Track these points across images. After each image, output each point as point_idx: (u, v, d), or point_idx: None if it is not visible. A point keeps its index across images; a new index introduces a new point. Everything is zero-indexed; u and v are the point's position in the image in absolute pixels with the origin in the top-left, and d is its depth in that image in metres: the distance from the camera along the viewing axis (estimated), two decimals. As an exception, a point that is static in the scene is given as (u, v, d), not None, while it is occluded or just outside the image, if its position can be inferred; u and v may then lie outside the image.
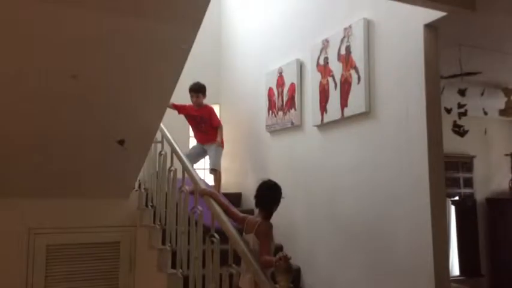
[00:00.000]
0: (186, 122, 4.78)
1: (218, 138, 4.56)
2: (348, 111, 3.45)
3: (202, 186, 3.19)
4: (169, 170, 3.71)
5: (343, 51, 3.53)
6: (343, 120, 3.52)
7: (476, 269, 5.81)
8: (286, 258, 2.18)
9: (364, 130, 3.37)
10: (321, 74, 3.78)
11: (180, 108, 4.69)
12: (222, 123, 5.43)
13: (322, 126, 3.78)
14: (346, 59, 3.49)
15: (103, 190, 3.93)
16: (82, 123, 3.24)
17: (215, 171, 4.48)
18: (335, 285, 3.53)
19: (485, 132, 4.55)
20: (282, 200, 2.88)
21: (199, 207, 3.08)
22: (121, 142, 3.45)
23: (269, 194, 2.88)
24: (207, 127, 4.64)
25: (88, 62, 2.75)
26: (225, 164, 5.47)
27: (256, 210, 2.92)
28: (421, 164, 2.90)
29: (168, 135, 3.88)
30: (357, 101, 3.36)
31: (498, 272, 5.89)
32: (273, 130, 4.51)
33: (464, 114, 4.02)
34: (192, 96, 4.63)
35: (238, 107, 5.34)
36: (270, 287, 2.22)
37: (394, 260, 3.04)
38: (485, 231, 6.00)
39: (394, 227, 3.07)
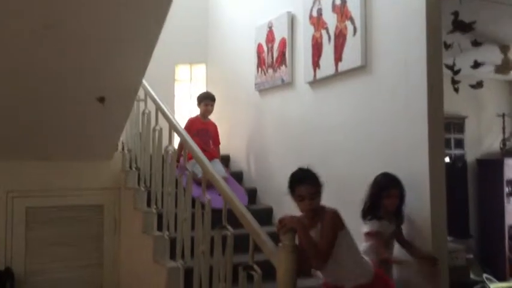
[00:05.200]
0: (171, 79, 4.58)
1: (219, 155, 4.40)
2: (342, 66, 3.28)
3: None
4: (154, 130, 3.54)
5: (338, 1, 3.32)
6: (338, 75, 3.35)
7: (465, 230, 5.81)
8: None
9: (359, 86, 3.20)
10: (314, 26, 3.57)
11: (189, 128, 4.15)
12: (209, 83, 5.25)
13: (315, 83, 3.60)
14: (341, 10, 3.28)
15: (84, 151, 3.78)
16: (59, 80, 3.05)
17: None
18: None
19: (482, 84, 4.41)
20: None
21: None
22: (101, 100, 3.27)
23: None
24: (208, 142, 4.33)
25: (62, 10, 2.52)
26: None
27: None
28: (420, 122, 2.76)
29: (152, 92, 3.68)
30: (352, 54, 3.18)
31: (486, 233, 5.91)
32: (263, 89, 4.32)
33: (458, 71, 3.94)
34: (206, 105, 4.39)
35: (226, 65, 5.12)
36: (272, 247, 2.09)
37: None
38: (474, 193, 5.98)
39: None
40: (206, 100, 4.40)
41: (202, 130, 4.32)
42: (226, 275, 2.47)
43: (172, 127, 3.30)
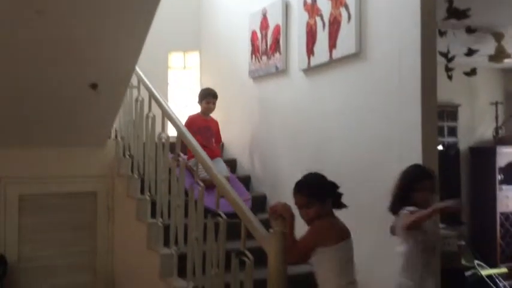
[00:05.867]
0: (165, 66, 4.54)
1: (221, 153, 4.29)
2: (336, 53, 3.26)
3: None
4: (147, 117, 3.53)
5: (332, -12, 3.30)
6: (332, 62, 3.34)
7: (457, 217, 5.85)
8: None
9: (353, 73, 3.20)
10: (308, 13, 3.55)
11: (190, 126, 3.91)
12: (203, 71, 5.21)
13: (309, 70, 3.59)
14: (336, -4, 3.26)
15: (77, 138, 3.76)
16: (51, 66, 3.03)
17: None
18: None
19: (475, 72, 4.41)
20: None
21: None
22: (94, 86, 3.26)
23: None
24: (210, 139, 4.18)
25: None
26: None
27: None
28: (414, 109, 2.76)
29: (145, 79, 3.65)
30: (346, 41, 3.17)
31: (478, 220, 5.96)
32: (257, 76, 4.30)
33: (452, 58, 3.94)
34: (208, 103, 4.21)
35: (220, 53, 5.08)
36: (263, 232, 2.11)
37: (383, 206, 2.96)
38: (467, 180, 6.02)
39: (383, 174, 2.96)
40: (208, 97, 4.23)
41: (204, 128, 4.15)
42: (219, 261, 2.48)
43: (166, 114, 3.29)
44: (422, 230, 2.33)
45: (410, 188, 2.40)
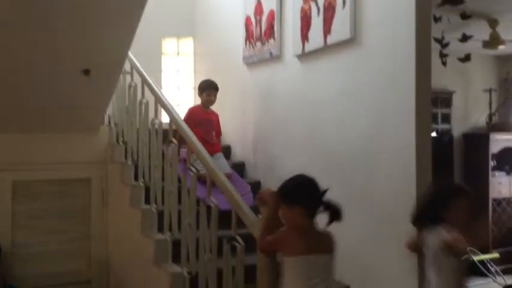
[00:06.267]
0: (158, 52, 4.50)
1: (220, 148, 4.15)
2: (331, 39, 3.24)
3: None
4: (140, 103, 3.51)
5: (327, -27, 3.27)
6: (326, 48, 3.32)
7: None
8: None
9: (348, 59, 3.18)
10: (303, -1, 3.53)
11: (190, 119, 3.85)
12: (196, 57, 5.17)
13: (304, 56, 3.57)
14: (331, -18, 3.24)
15: (70, 124, 3.75)
16: (44, 52, 3.00)
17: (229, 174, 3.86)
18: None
19: (469, 57, 4.41)
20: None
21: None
22: (86, 72, 3.24)
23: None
24: (211, 133, 4.06)
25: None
26: (199, 100, 5.27)
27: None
28: (408, 96, 2.75)
29: (138, 65, 3.63)
30: (341, 27, 3.15)
31: (471, 206, 6.00)
32: (251, 62, 4.28)
33: (447, 45, 3.93)
34: (208, 95, 4.06)
35: (214, 38, 5.05)
36: (253, 218, 2.12)
37: (375, 191, 2.97)
38: (460, 167, 6.05)
39: (377, 160, 2.98)
40: (209, 90, 4.08)
41: (205, 120, 4.02)
42: (212, 246, 2.50)
43: (158, 100, 3.27)
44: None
45: (443, 204, 2.11)
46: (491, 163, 5.82)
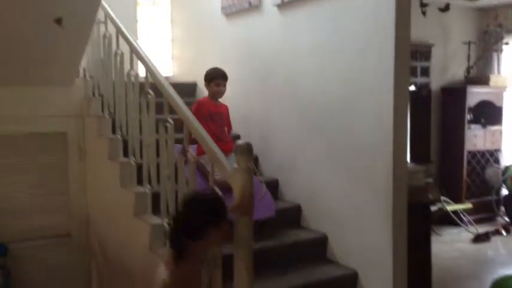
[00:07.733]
0: (133, 2, 4.33)
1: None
2: (311, -13, 3.17)
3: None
4: (116, 55, 3.41)
5: None
6: (306, -3, 3.25)
7: (426, 155, 6.02)
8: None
9: (328, 8, 3.13)
10: None
11: (199, 112, 3.29)
12: (173, 7, 5.01)
13: (283, 5, 3.50)
14: None
15: (44, 77, 3.63)
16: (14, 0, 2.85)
17: None
18: (295, 167, 3.51)
19: (449, 7, 4.39)
20: None
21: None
22: (58, 21, 3.10)
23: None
24: (224, 129, 3.52)
25: None
26: (177, 52, 5.16)
27: None
28: (387, 46, 2.74)
29: (112, 14, 3.50)
30: (321, -25, 3.07)
31: (446, 159, 6.14)
32: (229, 12, 4.17)
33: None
34: (217, 85, 3.43)
35: (191, -13, 4.90)
36: (229, 169, 2.12)
37: (354, 142, 3.00)
38: (437, 120, 6.14)
39: (355, 112, 2.99)
40: (217, 79, 3.46)
41: (216, 114, 3.45)
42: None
43: (134, 51, 3.18)
44: None
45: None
46: (468, 116, 5.92)
